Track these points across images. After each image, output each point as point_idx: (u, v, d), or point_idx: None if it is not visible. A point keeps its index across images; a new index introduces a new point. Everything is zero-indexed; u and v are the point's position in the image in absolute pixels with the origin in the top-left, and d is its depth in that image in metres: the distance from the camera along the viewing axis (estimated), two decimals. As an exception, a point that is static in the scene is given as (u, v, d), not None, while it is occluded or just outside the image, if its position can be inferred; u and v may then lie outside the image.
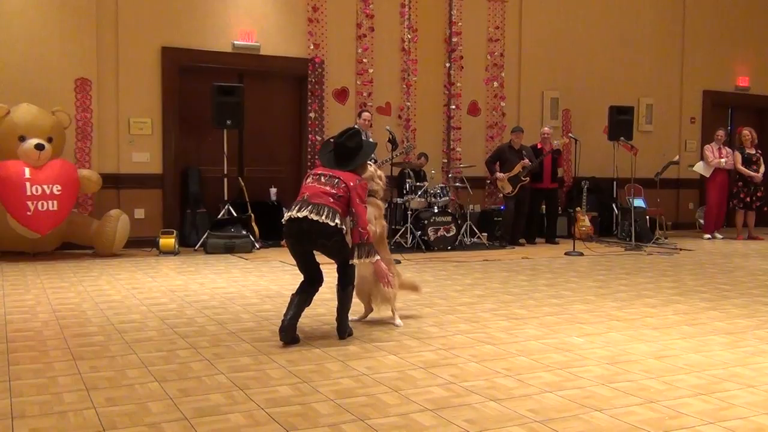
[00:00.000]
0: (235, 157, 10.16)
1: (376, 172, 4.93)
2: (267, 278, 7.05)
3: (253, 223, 9.43)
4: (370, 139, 9.29)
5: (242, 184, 9.67)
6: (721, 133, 11.72)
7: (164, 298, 5.94)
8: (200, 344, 4.37)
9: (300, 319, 4.46)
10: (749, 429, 3.06)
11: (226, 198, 9.49)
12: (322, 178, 4.45)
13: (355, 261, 4.36)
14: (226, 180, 9.52)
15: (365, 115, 9.49)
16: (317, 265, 4.58)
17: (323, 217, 4.26)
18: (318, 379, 3.69)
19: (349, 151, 4.58)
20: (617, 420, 3.13)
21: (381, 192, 4.95)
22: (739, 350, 4.37)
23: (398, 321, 4.99)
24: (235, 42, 9.86)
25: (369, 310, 5.09)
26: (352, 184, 4.40)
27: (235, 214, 9.38)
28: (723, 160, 11.49)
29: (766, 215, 12.09)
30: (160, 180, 9.52)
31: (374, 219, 4.81)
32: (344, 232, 4.35)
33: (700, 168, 11.78)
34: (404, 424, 3.05)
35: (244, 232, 9.14)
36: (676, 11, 13.06)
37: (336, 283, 4.63)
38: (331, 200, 4.34)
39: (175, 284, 6.62)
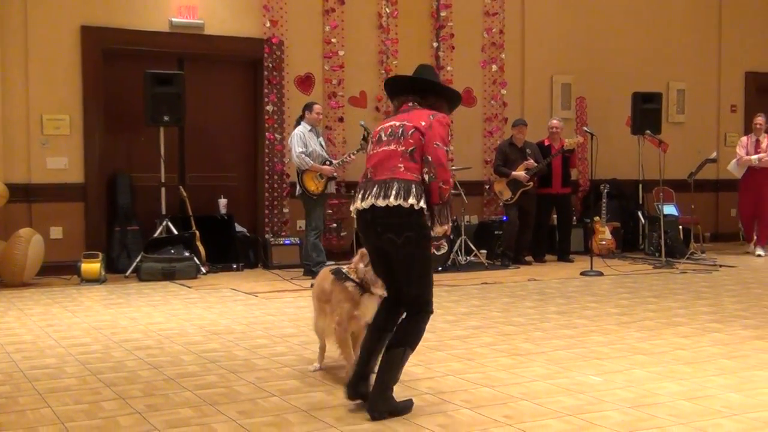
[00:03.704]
0: (174, 162, 10.13)
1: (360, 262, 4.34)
2: (215, 310, 7.03)
3: (198, 243, 9.41)
4: (320, 139, 9.29)
5: (184, 194, 9.65)
6: (760, 120, 11.32)
7: (86, 337, 5.90)
8: (131, 394, 4.35)
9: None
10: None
11: (163, 212, 9.47)
12: (384, 135, 3.99)
13: (438, 231, 3.85)
14: (163, 189, 9.49)
15: (316, 107, 9.32)
16: None
17: (392, 198, 3.72)
18: (276, 433, 3.70)
19: (420, 80, 4.11)
20: (640, 476, 3.16)
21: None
22: (788, 388, 4.42)
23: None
24: (173, 19, 9.87)
25: (324, 346, 4.93)
26: (424, 123, 3.87)
27: (175, 232, 9.37)
28: (756, 156, 11.10)
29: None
30: (81, 191, 9.48)
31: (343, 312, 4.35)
32: (427, 218, 3.78)
33: (733, 168, 11.54)
34: (381, 486, 3.07)
35: (187, 254, 9.11)
36: (711, -23, 13.24)
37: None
38: (402, 166, 3.82)
39: (100, 320, 6.58)
